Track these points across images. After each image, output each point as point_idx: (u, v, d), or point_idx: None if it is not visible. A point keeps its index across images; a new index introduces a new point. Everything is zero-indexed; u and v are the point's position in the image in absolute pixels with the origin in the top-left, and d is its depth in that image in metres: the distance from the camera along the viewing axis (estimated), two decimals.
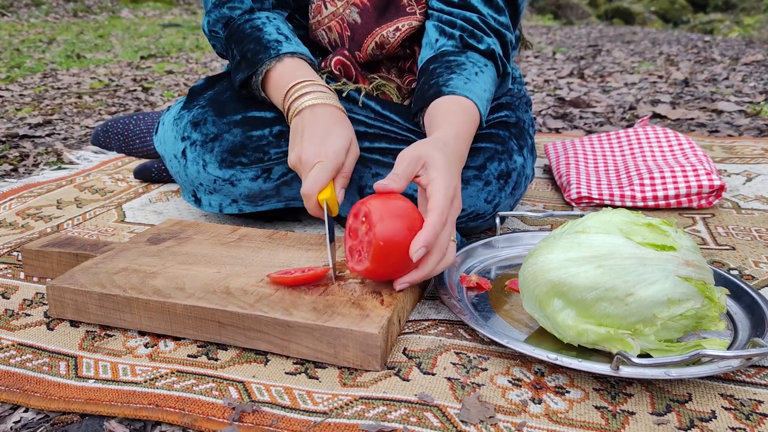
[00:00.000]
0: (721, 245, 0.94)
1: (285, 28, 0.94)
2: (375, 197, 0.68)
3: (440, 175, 0.68)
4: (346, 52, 0.98)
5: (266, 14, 0.95)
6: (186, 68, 3.51)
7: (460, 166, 0.76)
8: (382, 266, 0.67)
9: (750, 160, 1.39)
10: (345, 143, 0.81)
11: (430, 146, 0.72)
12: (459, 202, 0.71)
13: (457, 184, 0.70)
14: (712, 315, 0.61)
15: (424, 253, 0.64)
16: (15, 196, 1.23)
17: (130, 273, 0.75)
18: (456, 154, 0.75)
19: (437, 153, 0.70)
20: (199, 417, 0.57)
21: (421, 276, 0.68)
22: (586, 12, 9.54)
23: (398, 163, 0.70)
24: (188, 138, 0.96)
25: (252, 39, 0.91)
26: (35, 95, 2.57)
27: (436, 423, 0.55)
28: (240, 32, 0.93)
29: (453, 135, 0.77)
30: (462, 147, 0.78)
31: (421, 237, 0.64)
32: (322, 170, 0.77)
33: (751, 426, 0.54)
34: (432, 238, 0.64)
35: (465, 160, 0.80)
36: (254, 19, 0.94)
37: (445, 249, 0.68)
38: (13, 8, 6.71)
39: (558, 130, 1.90)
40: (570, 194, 1.15)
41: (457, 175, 0.73)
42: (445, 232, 0.68)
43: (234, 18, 0.96)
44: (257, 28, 0.93)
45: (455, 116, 0.81)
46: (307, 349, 0.64)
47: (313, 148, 0.79)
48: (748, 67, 3.20)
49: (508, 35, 0.93)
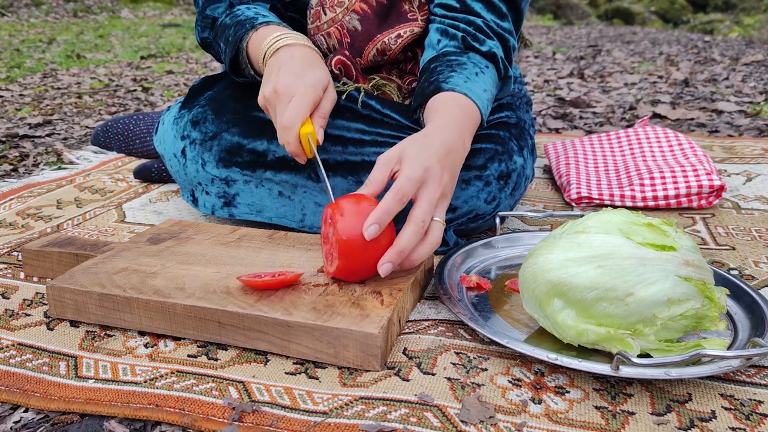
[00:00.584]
0: (721, 245, 0.94)
1: (263, 11, 0.95)
2: (342, 199, 0.69)
3: (407, 163, 0.68)
4: (346, 52, 0.98)
5: (245, 6, 0.96)
6: (186, 68, 3.51)
7: (447, 154, 0.73)
8: (352, 262, 0.67)
9: (750, 160, 1.39)
10: (323, 79, 0.79)
11: (407, 141, 0.72)
12: (435, 182, 0.69)
13: (431, 165, 0.69)
14: (712, 315, 0.61)
15: (377, 230, 0.64)
16: (15, 196, 1.23)
17: (130, 273, 0.75)
18: (440, 142, 0.73)
19: (411, 144, 0.71)
20: (199, 417, 0.57)
21: (397, 251, 0.66)
22: (586, 12, 9.54)
23: (373, 169, 0.71)
24: (188, 137, 0.96)
25: (232, 24, 0.93)
26: (35, 95, 2.57)
27: (436, 423, 0.55)
28: (222, 26, 0.95)
29: (440, 125, 0.76)
30: (449, 136, 0.75)
31: (373, 214, 0.65)
32: (302, 101, 0.75)
33: (751, 426, 0.54)
34: (383, 216, 0.64)
35: (461, 149, 0.77)
36: (234, 12, 0.95)
37: (419, 222, 0.66)
38: (13, 8, 6.71)
39: (558, 130, 1.90)
40: (570, 194, 1.15)
41: (436, 158, 0.70)
42: (419, 207, 0.67)
43: (216, 17, 0.97)
44: (236, 16, 0.94)
45: (449, 109, 0.80)
46: (307, 349, 0.64)
47: (289, 79, 0.77)
48: (748, 67, 3.20)
49: (510, 40, 0.93)
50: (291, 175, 0.92)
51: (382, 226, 0.65)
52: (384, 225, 0.65)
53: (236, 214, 0.98)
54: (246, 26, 0.90)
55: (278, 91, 0.78)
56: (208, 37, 0.99)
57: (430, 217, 0.68)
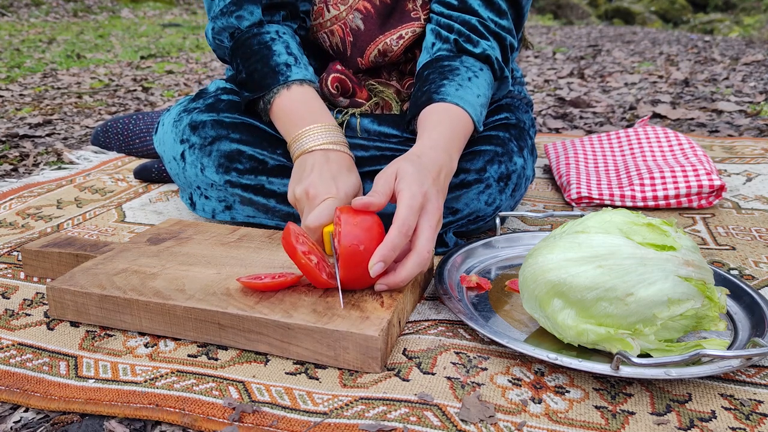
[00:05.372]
0: (721, 245, 0.94)
1: (294, 46, 0.91)
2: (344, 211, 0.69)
3: (406, 186, 0.68)
4: (339, 66, 0.97)
5: (275, 28, 0.92)
6: (186, 68, 3.51)
7: (439, 174, 0.74)
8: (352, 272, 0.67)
9: (750, 160, 1.39)
10: (357, 188, 0.80)
11: (402, 160, 0.72)
12: (433, 208, 0.69)
13: (428, 191, 0.69)
14: (712, 315, 0.61)
15: (382, 268, 0.64)
16: (15, 196, 1.23)
17: (130, 274, 0.75)
18: (432, 162, 0.74)
19: (407, 165, 0.70)
20: (199, 417, 0.57)
21: (398, 280, 0.67)
22: (586, 12, 9.54)
23: (375, 182, 0.70)
24: (187, 141, 0.96)
25: (259, 58, 0.89)
26: (35, 95, 2.57)
27: (436, 422, 0.55)
28: (247, 47, 0.90)
29: (429, 146, 0.77)
30: (439, 155, 0.76)
31: (378, 251, 0.64)
32: (331, 205, 0.74)
33: (751, 426, 0.54)
34: (389, 252, 0.64)
35: (449, 167, 0.78)
36: (263, 33, 0.91)
37: (424, 254, 0.67)
38: (13, 8, 6.71)
39: (558, 130, 1.90)
40: (570, 194, 1.15)
41: (431, 181, 0.71)
42: (422, 236, 0.67)
43: (241, 29, 0.92)
44: (265, 45, 0.89)
45: (439, 126, 0.80)
46: (307, 351, 0.64)
47: (323, 184, 0.77)
48: (748, 67, 3.20)
49: (508, 39, 0.92)
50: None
51: (388, 262, 0.65)
52: (390, 262, 0.65)
53: (238, 217, 0.99)
54: (278, 78, 0.87)
55: (309, 194, 0.77)
56: (223, 42, 0.95)
57: (432, 246, 0.68)
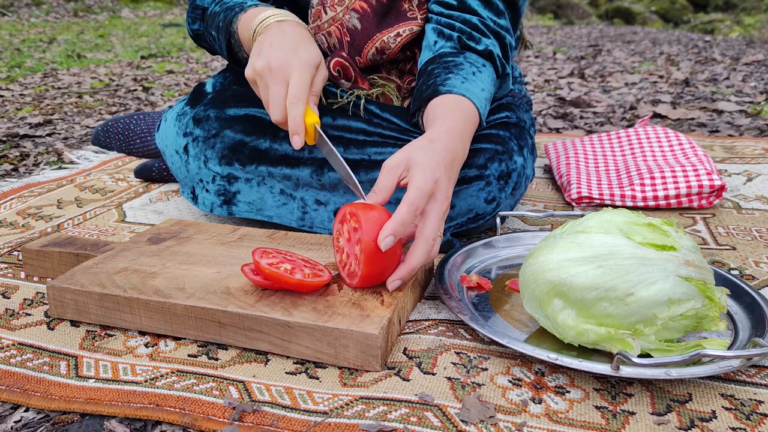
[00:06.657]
0: (722, 245, 0.94)
1: None
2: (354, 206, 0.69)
3: (418, 171, 0.68)
4: (344, 54, 0.98)
5: None
6: (186, 68, 3.51)
7: (452, 161, 0.74)
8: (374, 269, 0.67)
9: (750, 160, 1.39)
10: (317, 56, 0.79)
11: (414, 146, 0.72)
12: (443, 196, 0.69)
13: (440, 176, 0.69)
14: (712, 315, 0.61)
15: (393, 241, 0.64)
16: (15, 196, 1.23)
17: (130, 273, 0.75)
18: (445, 149, 0.73)
19: (419, 151, 0.70)
20: (199, 417, 0.57)
21: (409, 270, 0.67)
22: (586, 12, 9.54)
23: (380, 176, 0.70)
24: (190, 134, 0.96)
25: (221, 11, 0.93)
26: (36, 95, 2.57)
27: (437, 423, 0.55)
28: (212, 14, 0.95)
29: (444, 131, 0.76)
30: (454, 142, 0.76)
31: (388, 226, 0.64)
32: (301, 78, 0.73)
33: (752, 426, 0.54)
34: (399, 227, 0.64)
35: (461, 155, 0.78)
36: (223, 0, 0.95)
37: (431, 240, 0.67)
38: (13, 8, 6.71)
39: (558, 130, 1.90)
40: (570, 194, 1.15)
41: (444, 168, 0.70)
42: (429, 223, 0.67)
43: (206, 7, 0.97)
44: (224, 3, 0.94)
45: (451, 113, 0.80)
46: (308, 350, 0.64)
47: (283, 55, 0.76)
48: (748, 67, 3.20)
49: (507, 37, 0.93)
50: (294, 170, 0.92)
51: (398, 237, 0.65)
52: (399, 236, 0.65)
53: (235, 212, 0.98)
54: (235, 9, 0.90)
55: (272, 66, 0.76)
56: (199, 29, 0.99)
57: (438, 234, 0.68)
